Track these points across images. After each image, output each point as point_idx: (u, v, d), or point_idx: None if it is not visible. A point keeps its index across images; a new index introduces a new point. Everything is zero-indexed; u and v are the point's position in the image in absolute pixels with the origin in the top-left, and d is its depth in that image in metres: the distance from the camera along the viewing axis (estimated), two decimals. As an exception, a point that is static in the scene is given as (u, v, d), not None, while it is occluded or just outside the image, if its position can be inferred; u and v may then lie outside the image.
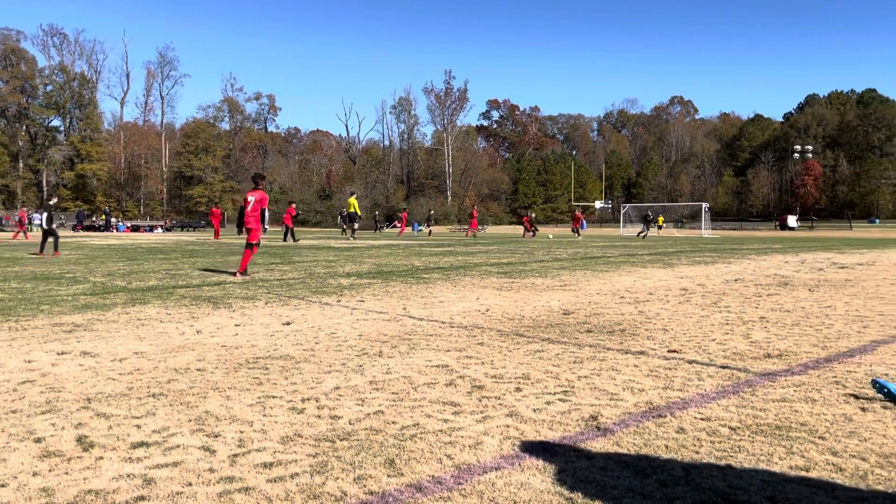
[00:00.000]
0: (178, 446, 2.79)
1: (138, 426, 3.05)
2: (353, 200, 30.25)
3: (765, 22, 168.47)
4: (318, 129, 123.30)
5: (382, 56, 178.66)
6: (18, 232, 32.50)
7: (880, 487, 2.29)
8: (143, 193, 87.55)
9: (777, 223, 66.01)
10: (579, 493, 2.27)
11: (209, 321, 6.08)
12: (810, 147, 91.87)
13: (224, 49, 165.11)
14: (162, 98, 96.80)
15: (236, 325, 5.83)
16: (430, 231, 43.32)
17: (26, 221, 34.50)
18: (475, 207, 44.31)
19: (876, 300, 7.38)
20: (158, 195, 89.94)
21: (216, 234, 34.61)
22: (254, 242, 10.86)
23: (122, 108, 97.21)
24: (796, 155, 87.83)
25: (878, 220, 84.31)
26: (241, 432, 2.96)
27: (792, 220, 64.51)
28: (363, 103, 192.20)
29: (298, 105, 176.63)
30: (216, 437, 2.91)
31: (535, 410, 3.26)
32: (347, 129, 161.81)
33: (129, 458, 2.65)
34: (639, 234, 29.83)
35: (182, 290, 8.55)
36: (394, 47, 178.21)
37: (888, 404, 3.25)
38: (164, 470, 2.53)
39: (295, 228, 31.83)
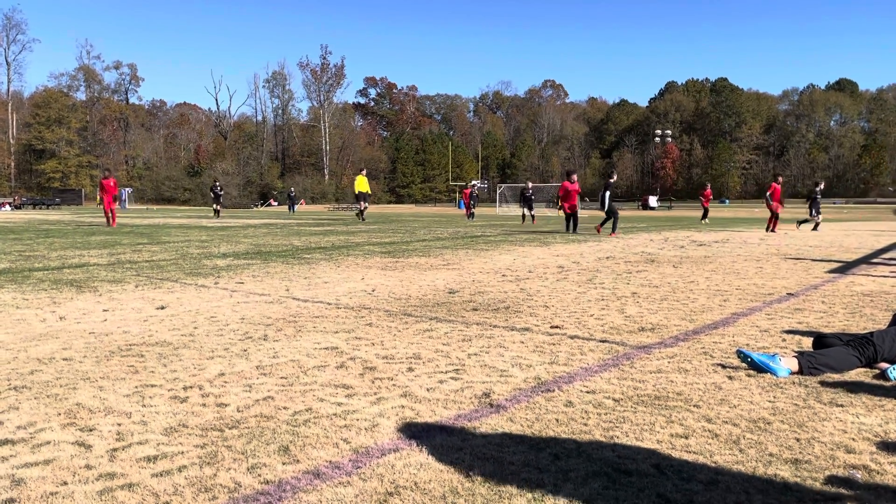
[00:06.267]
0: (49, 442, 2.57)
1: (0, 422, 2.78)
2: (362, 178, 26.49)
3: (630, 10, 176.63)
4: (185, 102, 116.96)
5: (254, 26, 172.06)
6: None
7: (752, 451, 2.47)
8: (-14, 168, 79.98)
9: (639, 203, 70.04)
10: (478, 471, 2.30)
11: (73, 306, 5.64)
12: (669, 132, 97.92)
13: (79, 13, 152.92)
14: (8, 64, 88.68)
15: (104, 311, 5.45)
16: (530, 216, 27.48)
17: None
18: (468, 185, 33.44)
19: (732, 275, 7.98)
20: (5, 170, 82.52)
21: (112, 218, 21.15)
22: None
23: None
24: (657, 139, 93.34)
25: (728, 201, 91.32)
26: (119, 425, 2.77)
27: (653, 201, 68.70)
28: (234, 76, 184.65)
29: (163, 76, 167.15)
30: (91, 431, 2.70)
31: (428, 390, 3.27)
32: (217, 103, 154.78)
33: (-8, 458, 2.41)
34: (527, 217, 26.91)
35: (39, 273, 7.89)
36: (266, 17, 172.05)
37: (752, 372, 3.52)
38: (34, 469, 2.32)
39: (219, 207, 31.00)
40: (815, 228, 19.79)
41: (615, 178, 17.73)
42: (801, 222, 20.99)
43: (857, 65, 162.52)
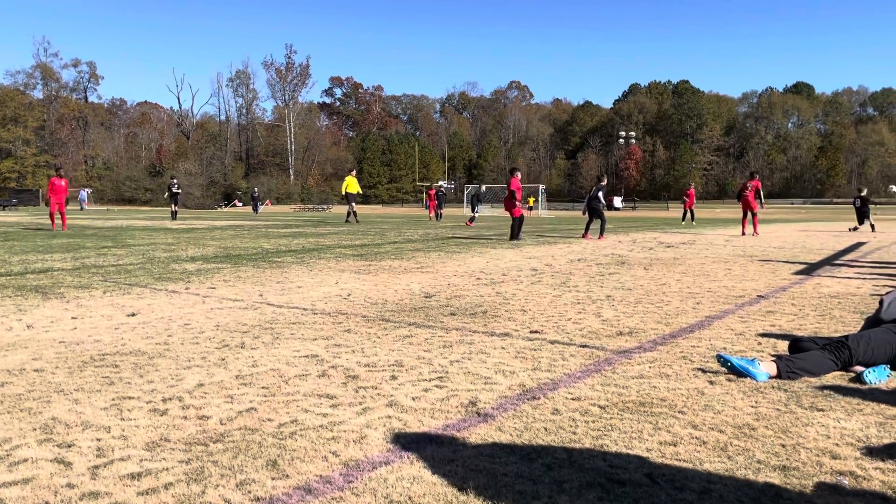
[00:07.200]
0: (26, 460, 2.48)
1: (-28, 441, 2.68)
2: (352, 179, 25.41)
3: (594, 12, 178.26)
4: (146, 101, 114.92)
5: (217, 24, 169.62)
6: None
7: (741, 458, 2.50)
8: (-63, 167, 77.53)
9: (604, 204, 70.69)
10: (471, 483, 2.28)
11: (40, 314, 5.48)
12: (633, 133, 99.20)
13: (36, 9, 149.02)
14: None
15: (73, 318, 5.31)
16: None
17: None
18: (433, 186, 32.46)
19: (703, 277, 8.10)
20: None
21: (61, 220, 18.93)
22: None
23: None
24: (621, 140, 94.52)
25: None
26: (99, 440, 2.69)
27: (617, 202, 69.57)
28: (197, 75, 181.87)
29: (123, 74, 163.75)
30: (69, 447, 2.62)
31: (413, 399, 3.24)
32: (179, 102, 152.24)
33: (-33, 479, 2.32)
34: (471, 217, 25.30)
35: (2, 279, 7.66)
36: (229, 15, 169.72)
37: (732, 377, 3.56)
38: (13, 489, 2.23)
39: (176, 209, 29.06)
40: (872, 229, 20.52)
41: (605, 181, 17.23)
42: (872, 227, 20.95)
43: (813, 68, 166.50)
